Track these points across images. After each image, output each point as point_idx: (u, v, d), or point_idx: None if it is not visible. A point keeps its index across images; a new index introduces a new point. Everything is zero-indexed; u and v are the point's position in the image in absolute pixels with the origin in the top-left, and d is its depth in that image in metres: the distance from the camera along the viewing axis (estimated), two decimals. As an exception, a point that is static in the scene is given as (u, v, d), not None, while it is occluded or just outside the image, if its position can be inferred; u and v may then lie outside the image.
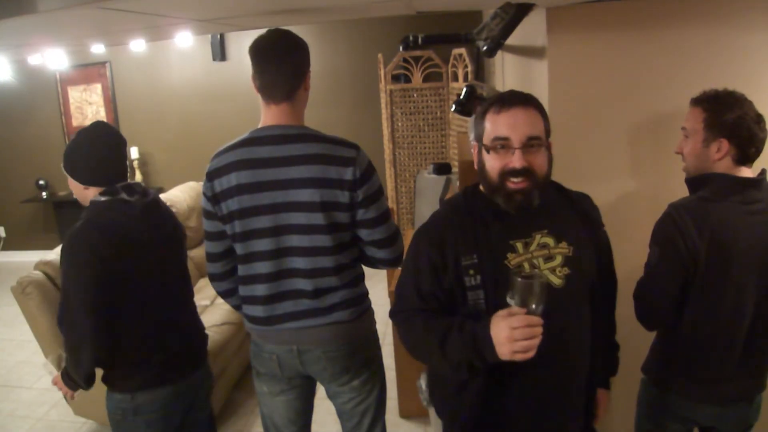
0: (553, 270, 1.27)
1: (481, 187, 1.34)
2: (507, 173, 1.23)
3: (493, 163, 1.25)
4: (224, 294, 1.70)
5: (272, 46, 1.51)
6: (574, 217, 1.35)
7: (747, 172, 1.48)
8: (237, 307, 1.71)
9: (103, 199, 1.61)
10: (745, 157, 1.46)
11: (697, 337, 1.51)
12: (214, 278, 1.68)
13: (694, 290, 1.47)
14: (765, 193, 1.47)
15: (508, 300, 1.12)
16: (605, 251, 1.41)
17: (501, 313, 1.14)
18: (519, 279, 1.10)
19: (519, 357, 1.11)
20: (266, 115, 1.55)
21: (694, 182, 1.53)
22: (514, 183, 1.23)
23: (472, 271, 1.25)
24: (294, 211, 1.50)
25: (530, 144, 1.22)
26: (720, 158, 1.46)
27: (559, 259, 1.28)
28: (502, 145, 1.23)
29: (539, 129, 1.25)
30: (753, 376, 1.54)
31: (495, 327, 1.13)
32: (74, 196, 1.69)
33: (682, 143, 1.55)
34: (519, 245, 1.27)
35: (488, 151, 1.24)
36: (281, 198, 1.50)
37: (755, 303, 1.47)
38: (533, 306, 1.10)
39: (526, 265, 1.26)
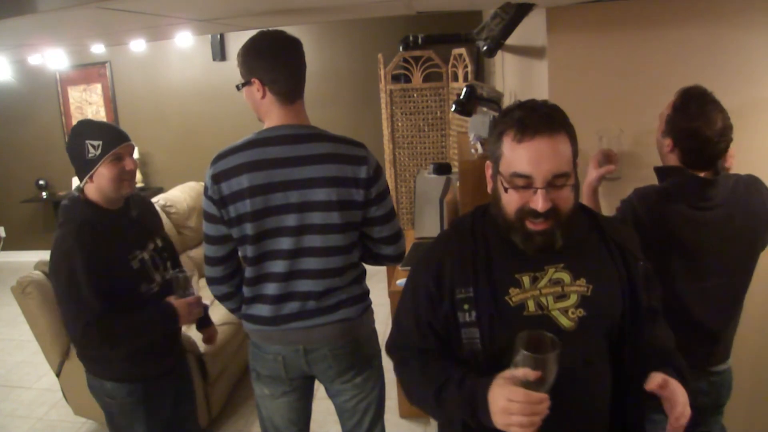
0: (564, 311, 1.12)
1: (486, 209, 1.21)
2: (527, 213, 1.07)
3: (510, 200, 1.09)
4: (222, 297, 1.68)
5: (283, 47, 1.52)
6: (602, 249, 1.19)
7: (702, 172, 1.55)
8: (234, 311, 1.70)
9: None
10: (689, 163, 1.53)
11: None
12: (212, 282, 1.65)
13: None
14: (720, 189, 1.54)
15: (513, 367, 1.00)
16: (644, 287, 1.19)
17: (504, 375, 1.01)
18: (524, 352, 0.96)
19: (515, 431, 0.99)
20: (278, 116, 1.53)
21: (659, 171, 1.63)
22: (535, 224, 1.08)
23: (466, 306, 1.12)
24: (310, 210, 1.50)
25: (556, 183, 1.06)
26: (668, 152, 1.57)
27: (573, 299, 1.12)
28: (523, 184, 1.06)
29: (567, 162, 1.07)
30: (707, 343, 1.59)
31: (493, 393, 1.01)
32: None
33: (657, 128, 1.65)
34: (525, 279, 1.13)
35: (506, 189, 1.08)
36: (296, 198, 1.49)
37: (716, 286, 1.54)
38: (541, 382, 0.97)
39: (531, 304, 1.11)
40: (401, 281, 2.73)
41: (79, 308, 1.57)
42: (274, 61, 1.50)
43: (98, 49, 4.48)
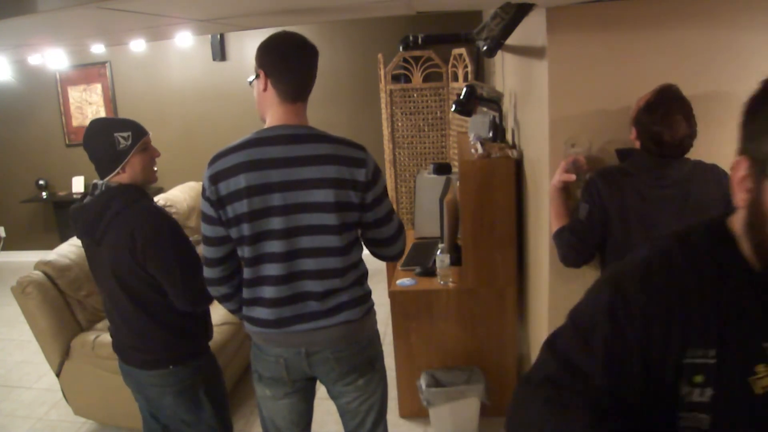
0: None
1: (733, 229, 0.78)
2: None
3: None
4: (222, 299, 1.67)
5: (294, 47, 1.52)
6: None
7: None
8: (235, 311, 1.70)
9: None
10: (648, 151, 1.67)
11: None
12: (211, 283, 1.63)
13: (610, 243, 1.71)
14: (676, 170, 1.66)
15: None
16: None
17: None
18: None
19: None
20: (278, 114, 1.53)
21: (619, 153, 1.80)
22: None
23: (699, 378, 0.74)
24: (307, 212, 1.50)
25: None
26: (632, 139, 1.71)
27: None
28: None
29: None
30: None
31: None
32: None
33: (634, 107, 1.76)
34: None
35: None
36: (293, 199, 1.49)
37: None
38: None
39: None
40: (401, 281, 2.73)
41: (193, 263, 1.73)
42: (281, 57, 1.51)
43: (98, 49, 4.48)
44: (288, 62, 1.51)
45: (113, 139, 1.70)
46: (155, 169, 1.81)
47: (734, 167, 0.76)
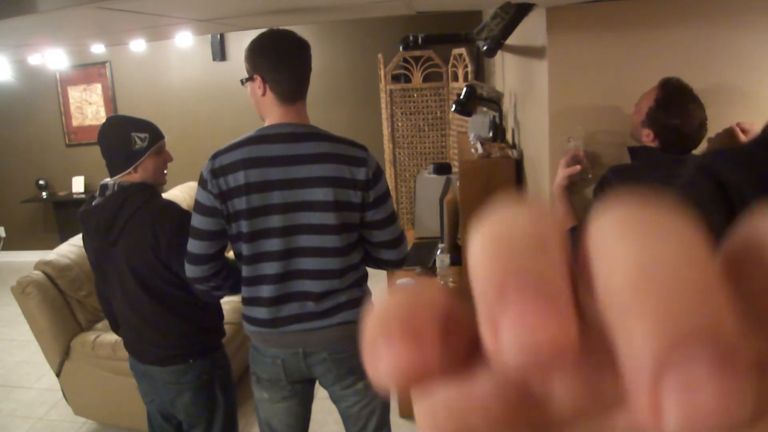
0: None
1: None
2: None
3: None
4: (214, 289, 1.63)
5: (288, 47, 1.51)
6: None
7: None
8: (226, 293, 1.67)
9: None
10: (669, 150, 1.64)
11: None
12: (199, 282, 1.58)
13: None
14: (690, 166, 1.65)
15: None
16: None
17: None
18: None
19: None
20: (278, 114, 1.53)
21: (632, 151, 1.78)
22: None
23: None
24: (306, 210, 1.49)
25: None
26: (648, 142, 1.68)
27: None
28: None
29: None
30: None
31: None
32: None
33: (634, 110, 1.73)
34: None
35: None
36: (293, 197, 1.48)
37: None
38: None
39: None
40: (401, 281, 2.72)
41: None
42: (277, 60, 1.50)
43: (98, 49, 4.47)
44: (285, 64, 1.50)
45: (130, 138, 1.71)
46: (165, 173, 1.81)
47: None
